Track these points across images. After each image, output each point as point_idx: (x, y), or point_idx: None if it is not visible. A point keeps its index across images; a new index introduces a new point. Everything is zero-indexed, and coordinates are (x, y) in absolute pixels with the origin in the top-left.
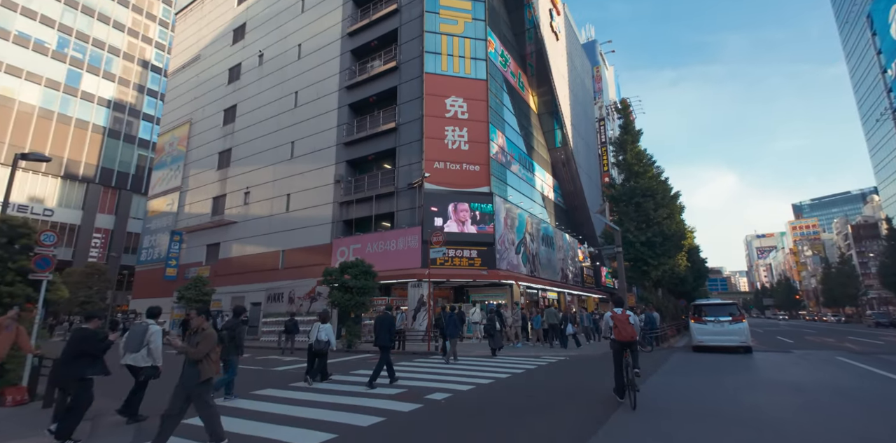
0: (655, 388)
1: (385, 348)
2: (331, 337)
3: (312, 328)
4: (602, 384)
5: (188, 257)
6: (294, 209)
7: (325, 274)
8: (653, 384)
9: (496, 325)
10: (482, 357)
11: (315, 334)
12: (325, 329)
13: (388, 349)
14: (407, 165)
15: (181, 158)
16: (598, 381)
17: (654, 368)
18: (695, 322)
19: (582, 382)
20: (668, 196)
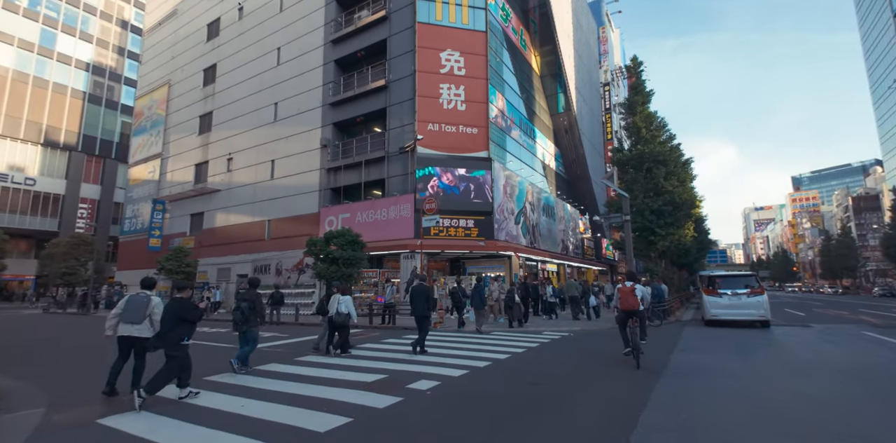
0: (681, 369)
1: (424, 318)
2: (351, 310)
3: (332, 300)
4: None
5: (172, 228)
6: (279, 176)
7: (308, 244)
8: (677, 366)
9: (515, 297)
10: (498, 330)
11: (335, 307)
12: (346, 301)
13: (427, 319)
14: (398, 126)
15: (161, 123)
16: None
17: (668, 344)
18: (708, 295)
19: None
20: (680, 162)
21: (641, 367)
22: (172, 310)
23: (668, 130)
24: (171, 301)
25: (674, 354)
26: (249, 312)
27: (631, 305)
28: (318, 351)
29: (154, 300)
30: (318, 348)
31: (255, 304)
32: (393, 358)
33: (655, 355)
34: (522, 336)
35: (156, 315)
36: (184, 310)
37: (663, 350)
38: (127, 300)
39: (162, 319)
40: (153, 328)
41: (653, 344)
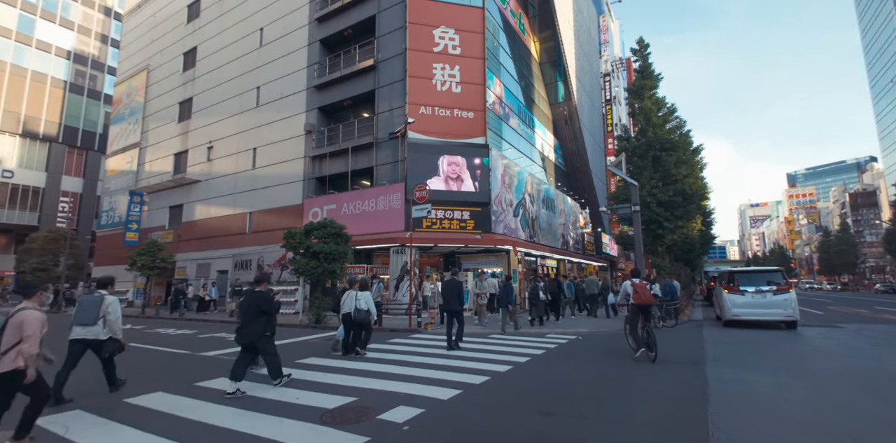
0: (730, 390)
1: (457, 313)
2: (371, 306)
3: (348, 296)
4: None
5: (150, 221)
6: (261, 165)
7: (286, 237)
8: (721, 383)
9: (539, 294)
10: (495, 333)
11: (353, 303)
12: (365, 297)
13: (461, 313)
14: (388, 110)
15: (139, 111)
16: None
17: (695, 351)
18: (729, 293)
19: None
20: (690, 150)
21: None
22: (254, 303)
23: (678, 116)
24: (252, 294)
25: (708, 366)
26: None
27: (648, 300)
28: (336, 352)
29: (108, 299)
30: (336, 348)
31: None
32: (370, 371)
33: (688, 369)
34: (525, 341)
35: (111, 315)
36: (264, 303)
37: (693, 360)
38: (80, 300)
39: (244, 312)
40: (110, 329)
41: (677, 350)
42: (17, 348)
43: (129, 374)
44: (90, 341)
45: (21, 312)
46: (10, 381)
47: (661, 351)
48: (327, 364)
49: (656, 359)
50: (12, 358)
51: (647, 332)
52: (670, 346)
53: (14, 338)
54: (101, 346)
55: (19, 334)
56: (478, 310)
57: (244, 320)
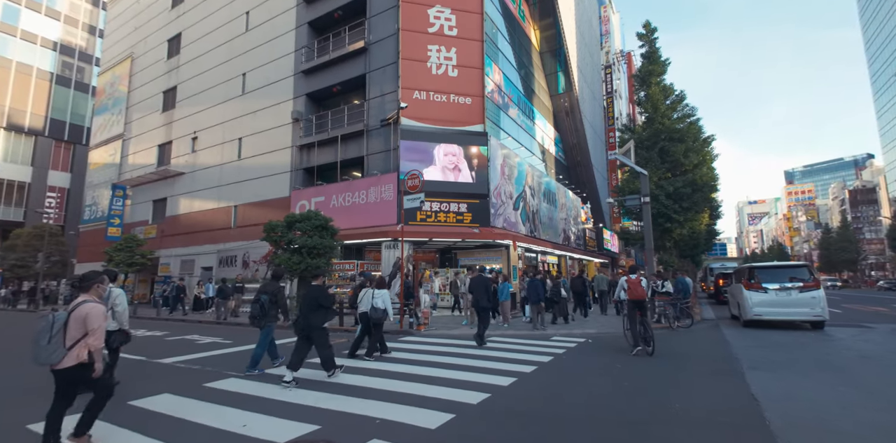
0: (791, 413)
1: (485, 310)
2: (388, 305)
3: (365, 295)
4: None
5: (134, 215)
6: (247, 156)
7: (266, 230)
8: (774, 398)
9: (562, 291)
10: (496, 335)
11: (369, 302)
12: (382, 296)
13: (489, 310)
14: (379, 95)
15: (123, 101)
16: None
17: (723, 355)
18: (749, 290)
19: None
20: (700, 140)
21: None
22: (314, 296)
23: (687, 104)
24: (312, 288)
25: (749, 377)
26: (270, 306)
27: (640, 295)
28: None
29: (115, 291)
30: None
31: (277, 297)
32: (347, 385)
33: (727, 381)
34: (528, 344)
35: (119, 307)
36: (322, 296)
37: (727, 369)
38: None
39: (304, 304)
40: (117, 321)
41: (704, 355)
42: (83, 342)
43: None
44: None
45: (83, 305)
46: (74, 376)
47: (688, 356)
48: (297, 376)
49: (654, 353)
50: (76, 353)
51: (644, 327)
52: (695, 350)
53: (78, 332)
54: (110, 337)
55: (83, 329)
56: (470, 311)
57: (304, 312)
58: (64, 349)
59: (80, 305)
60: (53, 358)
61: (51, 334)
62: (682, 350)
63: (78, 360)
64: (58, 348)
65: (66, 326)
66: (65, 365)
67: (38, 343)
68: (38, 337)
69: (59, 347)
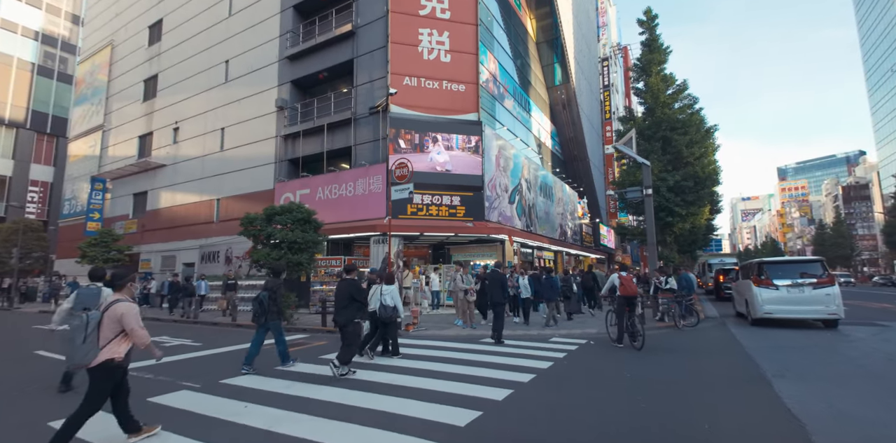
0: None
1: (500, 305)
2: (397, 302)
3: (374, 291)
4: None
5: (114, 210)
6: (230, 147)
7: (244, 223)
8: (821, 419)
9: (573, 287)
10: (485, 333)
11: (378, 299)
12: (391, 292)
13: (503, 306)
14: (368, 82)
15: (103, 90)
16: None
17: (738, 359)
18: (759, 286)
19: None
20: (702, 130)
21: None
22: (348, 290)
23: (690, 94)
24: (345, 282)
25: (778, 387)
26: (270, 303)
27: (632, 292)
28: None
29: (105, 292)
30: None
31: (277, 293)
32: (312, 400)
33: (756, 392)
34: (525, 347)
35: None
36: (356, 291)
37: (751, 376)
38: (77, 293)
39: (339, 298)
40: None
41: (720, 359)
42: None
43: None
44: None
45: (117, 304)
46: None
47: (701, 361)
48: (260, 387)
49: (643, 347)
50: (109, 352)
51: (632, 323)
52: (707, 353)
53: (111, 332)
54: None
55: (117, 328)
56: (463, 309)
57: (338, 305)
58: (98, 349)
59: (113, 304)
60: (88, 358)
61: (86, 333)
62: (693, 353)
63: (104, 357)
64: (92, 348)
65: (99, 325)
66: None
67: (73, 343)
68: (73, 336)
69: (93, 346)
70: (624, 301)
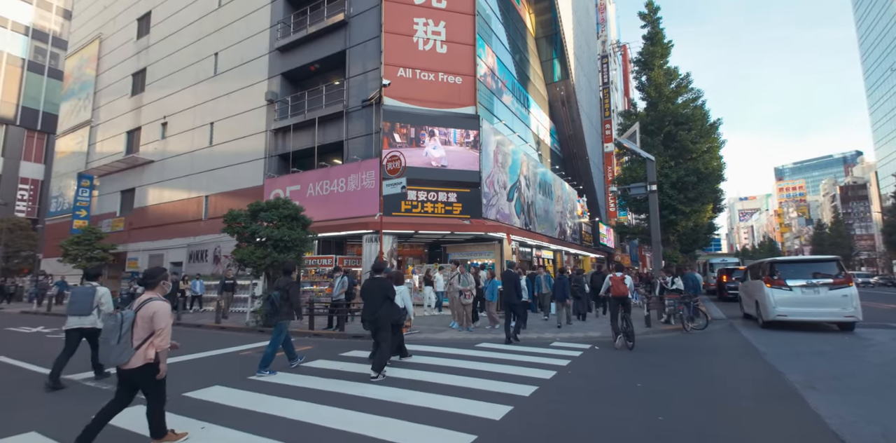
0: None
1: (515, 305)
2: (407, 303)
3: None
4: None
5: (101, 207)
6: (219, 142)
7: (227, 219)
8: None
9: (585, 287)
10: (485, 337)
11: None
12: (401, 292)
13: (517, 306)
14: (361, 73)
15: (91, 85)
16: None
17: (759, 366)
18: (771, 287)
19: None
20: (707, 125)
21: None
22: (381, 290)
23: (694, 88)
24: (375, 281)
25: (808, 397)
26: (282, 303)
27: (622, 292)
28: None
29: (100, 291)
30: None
31: (289, 293)
32: (279, 419)
33: (791, 409)
34: (524, 353)
35: (105, 306)
36: (390, 290)
37: (780, 390)
38: (73, 292)
39: (370, 298)
40: (101, 319)
41: (739, 367)
42: (150, 342)
43: None
44: (87, 329)
45: (150, 303)
46: (140, 376)
47: (718, 368)
48: (222, 401)
49: (634, 347)
50: (143, 352)
51: (626, 322)
52: (723, 360)
53: (145, 331)
54: (96, 334)
55: (150, 327)
56: (458, 311)
57: (373, 305)
58: (132, 349)
59: (146, 303)
60: (123, 358)
61: (120, 332)
62: (707, 360)
63: (145, 360)
64: (126, 348)
65: (133, 324)
66: (133, 365)
67: (107, 343)
68: (108, 336)
69: (127, 346)
70: (616, 301)
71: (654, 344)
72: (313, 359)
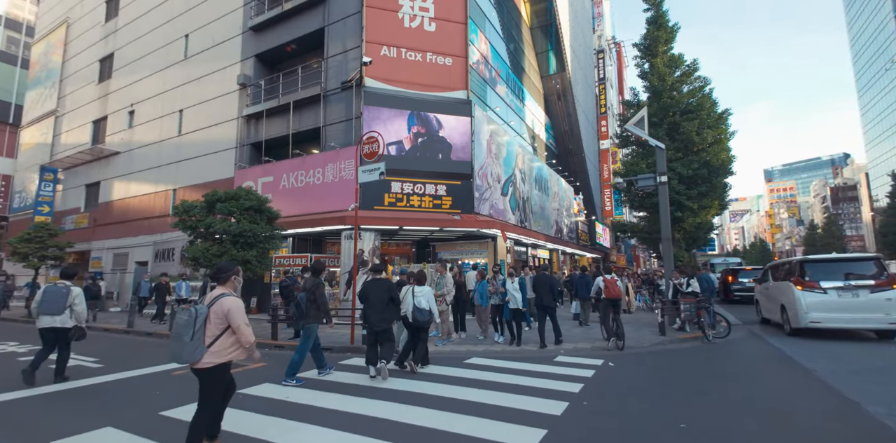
0: None
1: (550, 309)
2: (433, 305)
3: (406, 293)
4: None
5: (65, 202)
6: (188, 131)
7: (177, 212)
8: None
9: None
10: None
11: (410, 302)
12: (426, 294)
13: (553, 310)
14: (340, 52)
15: (57, 72)
16: None
17: (816, 386)
18: (802, 289)
19: None
20: (714, 115)
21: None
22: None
23: (701, 76)
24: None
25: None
26: (308, 305)
27: (616, 294)
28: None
29: (74, 291)
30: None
31: (316, 294)
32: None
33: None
34: (523, 372)
35: (78, 306)
36: (393, 291)
37: (854, 421)
38: (43, 291)
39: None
40: (76, 319)
41: (787, 385)
42: (232, 340)
43: None
44: (59, 328)
45: (223, 299)
46: (206, 377)
47: (779, 396)
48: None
49: (624, 347)
50: (215, 352)
51: (617, 324)
52: (772, 381)
53: (217, 329)
54: (68, 333)
55: (223, 324)
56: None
57: (375, 309)
58: (205, 347)
59: (219, 299)
60: (196, 356)
61: (193, 329)
62: (749, 381)
63: (216, 360)
64: (199, 346)
65: (206, 321)
66: (203, 365)
67: (180, 340)
68: (181, 332)
69: (200, 344)
70: (608, 303)
71: (677, 358)
72: (270, 376)
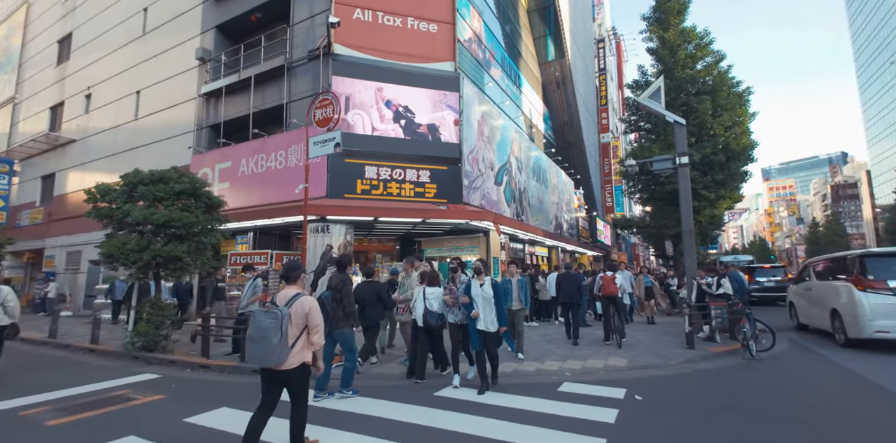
0: None
1: (576, 306)
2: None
3: (417, 294)
4: None
5: (22, 196)
6: (145, 114)
7: (90, 198)
8: None
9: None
10: None
11: (422, 304)
12: (436, 296)
13: (579, 306)
14: (308, 18)
15: (17, 57)
16: None
17: None
18: (864, 291)
19: None
20: (733, 94)
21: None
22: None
23: (717, 50)
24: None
25: None
26: (334, 306)
27: (612, 292)
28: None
29: (4, 290)
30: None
31: (342, 293)
32: None
33: None
34: (517, 413)
35: (10, 303)
36: (383, 292)
37: None
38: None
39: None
40: (9, 316)
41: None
42: (307, 340)
43: None
44: None
45: (302, 298)
46: (295, 377)
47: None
48: None
49: (622, 345)
50: (299, 352)
51: (617, 320)
52: (871, 423)
53: (297, 329)
54: (3, 330)
55: (302, 324)
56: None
57: (365, 307)
58: (289, 348)
59: (297, 299)
60: (283, 357)
61: (281, 331)
62: (849, 429)
63: (302, 360)
64: (285, 347)
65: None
66: (290, 365)
67: (268, 342)
68: (269, 334)
69: (285, 345)
70: (606, 301)
71: (726, 384)
72: (167, 412)
